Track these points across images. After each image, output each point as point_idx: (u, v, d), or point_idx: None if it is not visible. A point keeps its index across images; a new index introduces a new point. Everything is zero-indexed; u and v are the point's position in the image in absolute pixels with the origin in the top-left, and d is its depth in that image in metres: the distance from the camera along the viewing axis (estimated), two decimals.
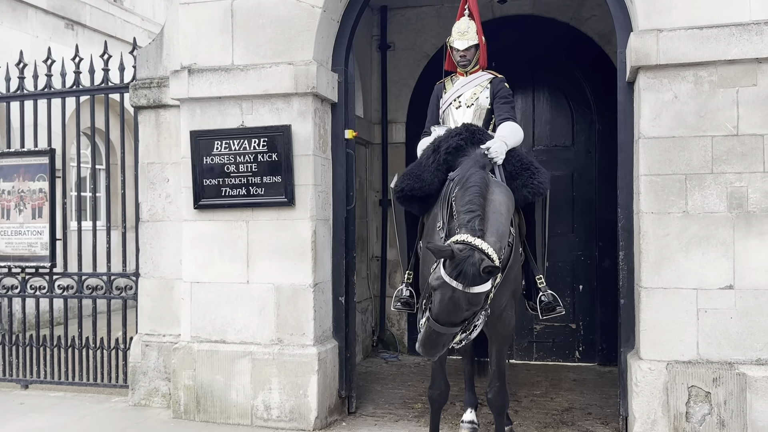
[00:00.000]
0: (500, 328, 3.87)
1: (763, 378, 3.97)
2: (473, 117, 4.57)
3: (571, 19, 7.04)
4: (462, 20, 4.64)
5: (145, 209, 5.44)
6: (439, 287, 3.19)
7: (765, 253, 4.02)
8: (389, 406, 5.46)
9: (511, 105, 4.49)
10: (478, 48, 4.59)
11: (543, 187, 4.02)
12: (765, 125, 4.02)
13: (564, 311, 4.16)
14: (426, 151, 4.22)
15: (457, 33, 4.59)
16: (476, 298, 3.19)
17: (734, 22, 4.04)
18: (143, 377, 5.38)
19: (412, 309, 4.40)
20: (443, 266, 3.21)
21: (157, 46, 5.42)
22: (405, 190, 4.11)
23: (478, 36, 4.59)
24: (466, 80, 4.65)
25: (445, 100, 4.71)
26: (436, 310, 3.20)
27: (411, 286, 4.37)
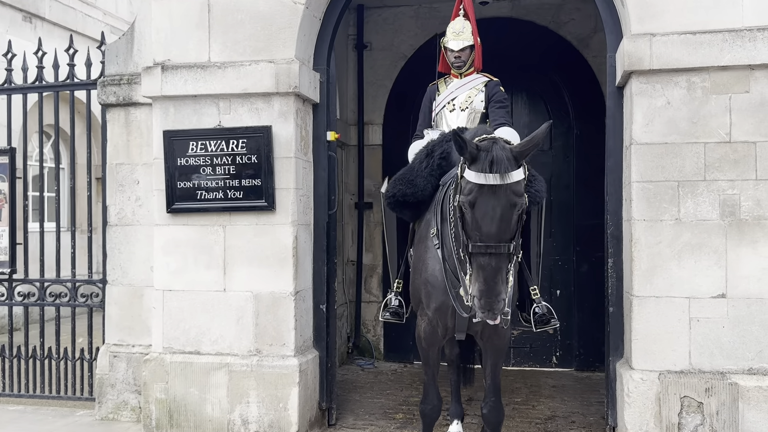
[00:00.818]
0: (496, 340, 3.74)
1: (756, 388, 3.93)
2: (467, 120, 4.44)
3: (550, 22, 6.99)
4: (457, 20, 4.50)
5: (114, 212, 5.16)
6: (477, 195, 2.84)
7: (757, 261, 3.99)
8: (369, 416, 5.30)
9: (506, 110, 4.38)
10: (473, 49, 4.47)
11: (540, 196, 3.92)
12: (757, 132, 3.99)
13: (558, 324, 4.05)
14: (419, 155, 4.08)
15: (452, 33, 4.46)
16: (518, 190, 2.87)
17: (727, 27, 4.00)
18: (111, 390, 5.10)
19: (402, 319, 4.24)
20: (470, 168, 2.89)
21: (127, 41, 5.15)
22: (397, 196, 3.95)
23: (474, 37, 4.47)
24: (460, 82, 4.52)
25: (438, 102, 4.57)
26: (486, 227, 2.83)
27: (400, 295, 4.21)
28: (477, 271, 2.88)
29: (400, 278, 4.25)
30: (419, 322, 3.86)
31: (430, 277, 3.65)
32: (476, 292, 2.88)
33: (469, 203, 2.91)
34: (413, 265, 3.92)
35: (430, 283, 3.66)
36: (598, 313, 5.64)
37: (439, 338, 3.81)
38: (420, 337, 3.85)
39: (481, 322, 3.65)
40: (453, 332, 3.76)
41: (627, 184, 4.31)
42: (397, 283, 4.25)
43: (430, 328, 3.77)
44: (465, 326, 3.67)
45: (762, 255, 3.98)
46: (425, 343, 3.83)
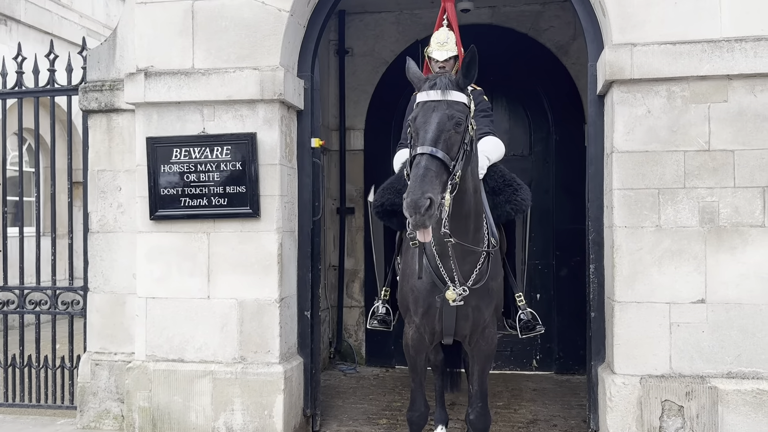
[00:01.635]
0: (483, 345, 3.78)
1: (734, 391, 4.02)
2: None
3: (530, 29, 7.07)
4: (441, 30, 4.52)
5: (95, 219, 5.11)
6: (419, 110, 3.17)
7: (735, 267, 4.08)
8: (353, 422, 5.31)
9: (490, 119, 4.41)
10: (457, 59, 4.50)
11: (525, 204, 3.96)
12: (735, 141, 4.08)
13: (543, 329, 4.10)
14: (406, 164, 4.09)
15: (437, 43, 4.48)
16: (457, 108, 3.14)
17: (706, 38, 4.09)
18: (93, 398, 5.04)
19: (389, 327, 4.26)
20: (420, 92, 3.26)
21: (109, 46, 5.10)
22: (385, 205, 3.97)
23: (458, 47, 4.50)
24: None
25: None
26: (422, 133, 3.08)
27: (387, 303, 4.23)
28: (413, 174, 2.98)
29: (387, 286, 4.27)
30: (407, 329, 3.88)
31: (417, 283, 3.67)
32: (405, 194, 2.90)
33: (413, 118, 3.20)
34: (401, 272, 3.94)
35: (417, 288, 3.69)
36: (578, 316, 5.73)
37: (426, 345, 3.83)
38: (408, 345, 3.87)
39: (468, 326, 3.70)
40: (441, 337, 3.78)
41: (608, 191, 4.38)
42: (384, 291, 4.27)
43: (417, 335, 3.79)
44: (452, 330, 3.69)
45: (740, 261, 4.07)
46: (413, 350, 3.86)
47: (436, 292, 3.59)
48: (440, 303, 3.61)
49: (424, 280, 3.63)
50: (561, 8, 6.76)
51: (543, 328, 4.03)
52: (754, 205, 4.07)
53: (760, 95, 4.08)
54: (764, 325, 4.05)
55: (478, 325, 3.70)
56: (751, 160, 4.07)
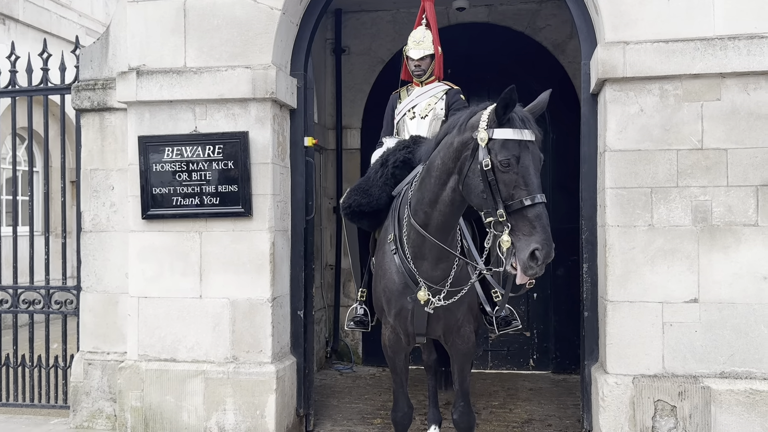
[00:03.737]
0: (459, 344, 3.75)
1: (727, 391, 4.00)
2: (428, 128, 4.46)
3: (526, 28, 7.05)
4: (419, 29, 4.53)
5: (88, 219, 5.10)
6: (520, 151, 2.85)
7: (728, 266, 4.05)
8: (347, 422, 5.30)
9: None
10: (433, 58, 4.49)
11: None
12: (728, 139, 4.06)
13: (520, 325, 4.06)
14: (374, 165, 4.09)
15: (413, 42, 4.49)
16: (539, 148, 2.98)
17: (699, 36, 4.07)
18: (86, 397, 5.04)
19: (367, 328, 4.24)
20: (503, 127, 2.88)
21: (102, 45, 5.09)
22: (353, 206, 3.94)
23: (434, 46, 4.49)
24: (421, 90, 4.55)
25: (399, 110, 4.60)
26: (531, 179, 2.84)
27: (365, 304, 4.21)
28: (530, 225, 2.81)
29: (364, 287, 4.25)
30: (383, 330, 3.87)
31: (389, 284, 3.66)
32: (536, 244, 2.78)
33: (510, 161, 2.87)
34: (375, 272, 3.91)
35: (389, 289, 3.67)
36: (575, 316, 5.70)
37: (403, 345, 3.82)
38: (385, 345, 3.86)
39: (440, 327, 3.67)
40: (415, 338, 3.76)
41: (601, 190, 4.36)
42: (361, 292, 4.25)
43: (393, 335, 3.78)
44: (423, 330, 3.67)
45: (733, 260, 4.05)
46: (390, 351, 3.85)
47: (408, 293, 3.57)
48: (412, 304, 3.59)
49: (396, 281, 3.62)
50: (557, 7, 6.73)
51: (519, 323, 3.99)
52: (748, 204, 4.04)
53: (753, 93, 4.05)
54: (757, 324, 4.03)
55: (450, 325, 3.68)
56: (745, 158, 4.05)
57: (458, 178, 3.13)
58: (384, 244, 3.77)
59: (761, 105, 4.03)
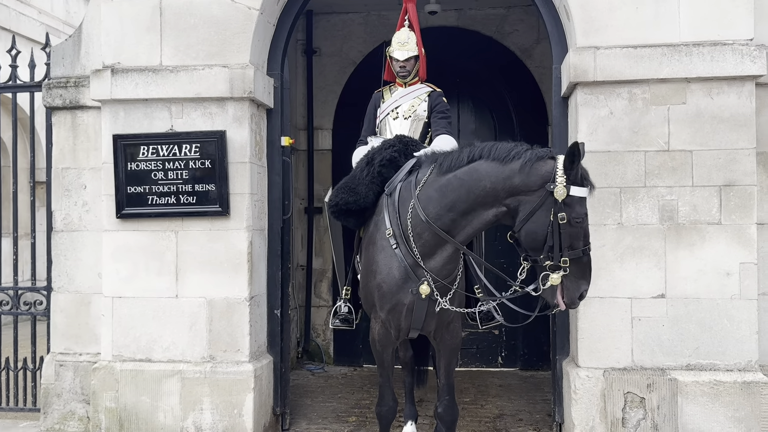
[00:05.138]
0: (448, 340, 3.84)
1: (693, 383, 4.17)
2: (410, 128, 4.54)
3: (495, 32, 7.19)
4: (402, 31, 4.60)
5: (59, 218, 5.03)
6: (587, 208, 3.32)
7: (694, 263, 4.23)
8: (323, 420, 5.33)
9: (448, 120, 4.49)
10: (417, 59, 4.58)
11: None
12: (693, 142, 4.24)
13: (502, 319, 4.18)
14: (360, 163, 4.14)
15: (398, 43, 4.55)
16: None
17: (666, 42, 4.24)
18: (57, 399, 4.96)
19: (352, 325, 4.29)
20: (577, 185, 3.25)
21: (74, 42, 5.03)
22: (340, 204, 3.97)
23: (418, 47, 4.58)
24: (404, 91, 4.62)
25: (382, 110, 4.65)
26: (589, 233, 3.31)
27: (349, 301, 4.26)
28: (583, 270, 3.33)
29: (348, 285, 4.30)
30: (373, 325, 3.92)
31: (385, 278, 3.70)
32: (585, 286, 3.37)
33: (583, 218, 3.28)
34: (364, 268, 3.95)
35: (385, 283, 3.71)
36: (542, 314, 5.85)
37: (392, 340, 3.88)
38: (374, 340, 3.91)
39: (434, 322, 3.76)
40: (407, 333, 3.83)
41: None
42: (345, 290, 4.29)
43: (383, 330, 3.84)
44: (420, 325, 3.75)
45: (698, 257, 4.23)
46: (379, 345, 3.90)
47: (409, 287, 3.64)
48: (411, 298, 3.66)
49: (397, 277, 3.68)
50: (525, 12, 6.90)
51: (502, 318, 4.10)
52: (711, 203, 4.23)
53: (716, 98, 4.24)
54: (720, 318, 4.21)
55: (443, 321, 3.77)
56: (708, 160, 4.23)
57: (507, 212, 3.39)
58: (376, 240, 3.80)
59: (724, 109, 4.23)
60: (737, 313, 4.20)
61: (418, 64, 4.60)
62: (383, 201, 3.92)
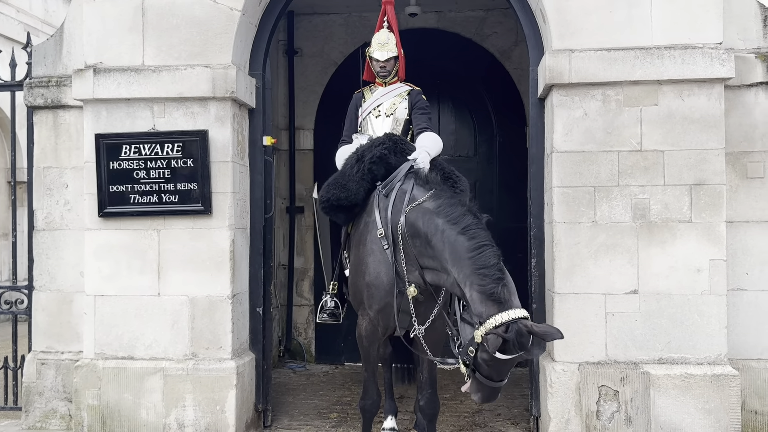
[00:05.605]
0: (432, 336, 3.93)
1: (665, 376, 4.30)
2: (392, 126, 4.64)
3: (474, 35, 7.30)
4: (382, 32, 4.70)
5: (41, 217, 5.04)
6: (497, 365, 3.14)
7: (665, 260, 4.35)
8: (304, 417, 5.39)
9: (428, 116, 4.60)
10: (397, 59, 4.67)
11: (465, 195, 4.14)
12: (665, 142, 4.36)
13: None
14: (349, 160, 4.23)
15: (378, 44, 4.65)
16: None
17: (639, 45, 4.36)
18: (39, 398, 4.97)
19: (338, 320, 4.38)
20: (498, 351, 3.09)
21: (56, 42, 5.05)
22: (331, 200, 4.07)
23: (398, 48, 4.67)
24: (385, 90, 4.72)
25: (364, 109, 4.75)
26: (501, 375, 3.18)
27: (336, 296, 4.35)
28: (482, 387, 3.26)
29: (335, 280, 4.38)
30: (360, 321, 4.00)
31: (374, 280, 3.80)
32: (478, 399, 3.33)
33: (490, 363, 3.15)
34: (353, 266, 4.05)
35: (374, 286, 3.81)
36: None
37: (379, 336, 3.97)
38: (361, 335, 3.99)
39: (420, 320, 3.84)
40: (393, 331, 3.92)
41: (548, 189, 4.61)
42: (332, 285, 4.38)
43: (371, 326, 3.92)
44: (407, 323, 3.84)
45: (669, 254, 4.35)
46: (366, 341, 3.98)
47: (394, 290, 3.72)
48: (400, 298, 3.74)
49: (385, 282, 3.77)
50: (504, 15, 7.01)
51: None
52: (682, 201, 4.36)
53: (687, 99, 4.37)
54: (691, 313, 4.34)
55: (427, 318, 3.86)
56: (680, 159, 4.36)
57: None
58: (366, 240, 3.89)
59: (694, 110, 4.36)
60: (707, 308, 4.33)
61: (397, 64, 4.70)
62: (374, 199, 4.01)
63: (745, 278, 4.55)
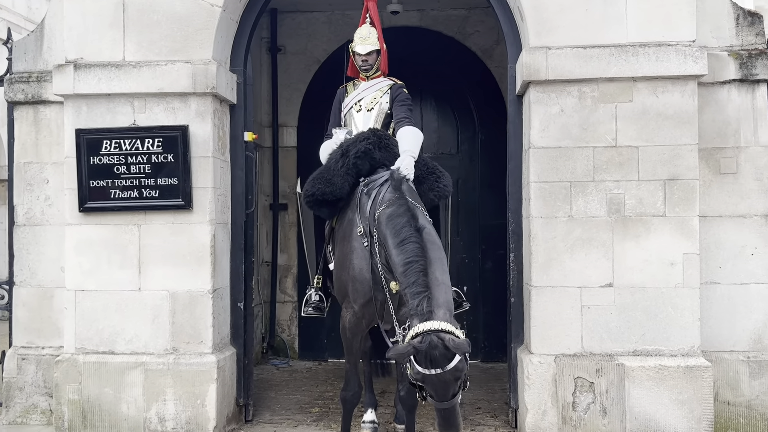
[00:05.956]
0: None
1: (639, 368, 4.37)
2: (374, 120, 4.69)
3: (456, 33, 7.36)
4: (364, 27, 4.75)
5: (21, 212, 5.05)
6: (426, 380, 3.14)
7: (639, 254, 4.43)
8: (286, 412, 5.42)
9: (409, 108, 4.64)
10: (379, 53, 4.72)
11: (447, 190, 4.21)
12: (640, 138, 4.44)
13: (469, 306, 4.34)
14: (334, 155, 4.28)
15: (359, 38, 4.70)
16: (460, 368, 3.15)
17: (614, 43, 4.44)
18: (19, 393, 4.97)
19: (323, 313, 4.43)
20: (416, 363, 3.12)
21: (37, 38, 5.06)
22: (316, 195, 4.13)
23: (380, 42, 4.72)
24: (367, 85, 4.76)
25: (346, 103, 4.81)
26: (439, 395, 3.14)
27: (320, 290, 4.39)
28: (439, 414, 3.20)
29: (320, 274, 4.42)
30: (344, 313, 4.05)
31: (358, 275, 3.86)
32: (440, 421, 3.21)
33: (418, 380, 3.17)
34: (337, 261, 4.09)
35: (358, 281, 3.87)
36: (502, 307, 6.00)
37: (362, 328, 4.03)
38: (345, 328, 4.04)
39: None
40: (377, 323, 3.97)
41: (526, 184, 4.68)
42: (317, 279, 4.42)
43: (355, 319, 3.98)
44: (391, 321, 3.88)
45: (644, 248, 4.43)
46: (349, 333, 4.04)
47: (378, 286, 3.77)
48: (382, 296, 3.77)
49: (367, 278, 3.82)
50: (485, 14, 7.05)
51: (468, 304, 4.26)
52: (656, 196, 4.43)
53: (661, 96, 4.45)
54: (665, 306, 4.42)
55: None
56: (654, 155, 4.44)
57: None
58: (351, 237, 3.94)
59: (668, 106, 4.43)
60: (681, 301, 4.41)
61: (379, 58, 4.74)
62: (357, 197, 4.05)
63: (718, 272, 4.63)
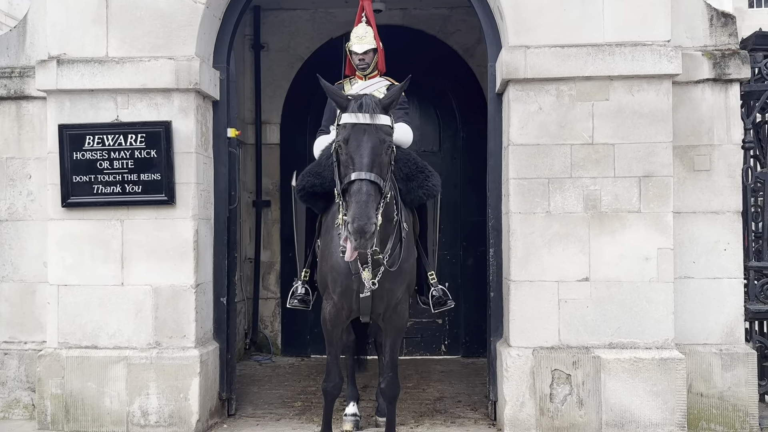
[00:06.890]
0: (395, 320, 4.06)
1: (615, 360, 4.47)
2: None
3: (438, 32, 7.44)
4: (360, 26, 4.78)
5: (4, 208, 5.05)
6: (350, 132, 3.28)
7: (615, 249, 4.53)
8: (269, 406, 5.47)
9: (405, 111, 4.69)
10: (376, 52, 4.76)
11: (436, 189, 4.28)
12: (615, 136, 4.54)
13: (454, 304, 4.42)
14: (326, 150, 4.33)
15: (356, 38, 4.73)
16: (386, 131, 3.33)
17: (591, 42, 4.53)
18: (2, 388, 4.99)
19: (308, 306, 4.48)
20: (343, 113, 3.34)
21: (19, 33, 5.06)
22: (306, 188, 4.20)
23: (376, 41, 4.76)
24: (364, 84, 4.77)
25: None
26: (358, 158, 3.22)
27: (307, 283, 4.45)
28: (351, 200, 3.21)
29: (308, 268, 4.48)
30: (325, 305, 4.12)
31: (335, 264, 3.92)
32: (350, 217, 3.17)
33: (344, 140, 3.32)
34: (320, 253, 4.17)
35: (335, 270, 3.93)
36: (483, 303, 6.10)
37: (343, 319, 4.09)
38: (325, 319, 4.11)
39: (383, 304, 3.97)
40: (357, 314, 4.04)
41: (505, 180, 4.76)
42: (304, 272, 4.49)
43: (335, 310, 4.04)
44: (369, 309, 3.95)
45: (619, 243, 4.53)
46: (330, 324, 4.10)
47: (352, 275, 3.83)
48: (357, 284, 3.85)
49: (342, 265, 3.87)
50: (467, 13, 7.13)
51: (453, 302, 4.35)
52: (632, 192, 4.54)
53: (636, 95, 4.55)
54: (640, 300, 4.52)
55: (391, 303, 3.99)
56: (629, 152, 4.54)
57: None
58: (332, 228, 4.00)
59: (643, 105, 4.54)
60: (655, 295, 4.52)
61: (376, 57, 4.78)
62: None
63: (691, 266, 4.74)
